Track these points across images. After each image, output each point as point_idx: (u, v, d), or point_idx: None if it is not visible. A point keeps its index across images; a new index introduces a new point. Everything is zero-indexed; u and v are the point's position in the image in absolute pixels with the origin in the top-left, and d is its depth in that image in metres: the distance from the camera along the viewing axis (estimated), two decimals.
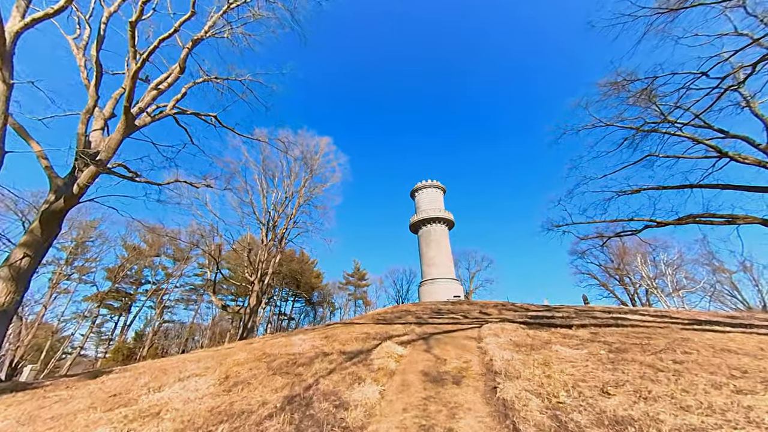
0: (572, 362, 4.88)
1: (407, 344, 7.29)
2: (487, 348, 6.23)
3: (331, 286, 46.71)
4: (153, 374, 7.79)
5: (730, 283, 36.19)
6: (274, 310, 40.69)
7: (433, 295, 30.57)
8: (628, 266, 38.46)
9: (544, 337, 6.63)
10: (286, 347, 8.58)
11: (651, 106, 13.27)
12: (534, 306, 17.03)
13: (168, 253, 37.43)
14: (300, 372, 5.84)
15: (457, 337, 7.86)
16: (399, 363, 5.87)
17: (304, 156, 27.09)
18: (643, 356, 4.81)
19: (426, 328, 9.86)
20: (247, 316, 23.65)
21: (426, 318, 13.15)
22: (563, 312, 11.53)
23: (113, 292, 32.69)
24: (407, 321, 12.43)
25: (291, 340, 9.70)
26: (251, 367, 6.76)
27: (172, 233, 23.62)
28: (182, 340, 38.05)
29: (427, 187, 37.95)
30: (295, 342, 9.22)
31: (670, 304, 34.74)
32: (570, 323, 8.32)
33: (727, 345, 5.12)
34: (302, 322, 44.55)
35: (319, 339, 9.44)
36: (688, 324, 7.28)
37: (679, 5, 9.97)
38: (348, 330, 10.94)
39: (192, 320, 39.63)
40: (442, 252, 33.70)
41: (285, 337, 11.45)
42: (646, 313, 9.71)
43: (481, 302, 21.01)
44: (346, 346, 7.69)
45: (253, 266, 25.64)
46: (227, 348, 11.28)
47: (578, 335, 6.66)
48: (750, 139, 11.64)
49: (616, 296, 40.26)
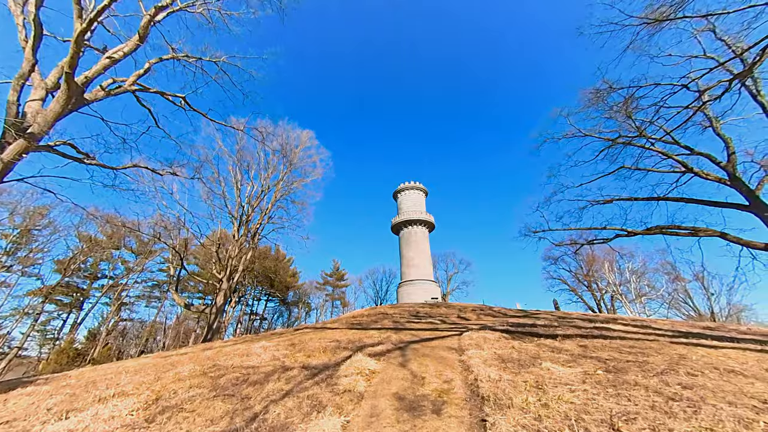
0: (569, 385, 4.17)
1: (381, 356, 6.37)
2: (470, 363, 5.44)
3: (307, 285, 44.95)
4: (73, 391, 6.36)
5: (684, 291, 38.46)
6: (245, 309, 38.41)
7: (411, 297, 29.95)
8: (596, 273, 39.90)
9: (531, 351, 5.95)
10: (242, 357, 7.39)
11: (627, 121, 13.64)
12: (511, 311, 16.70)
13: (130, 246, 34.31)
14: (248, 394, 4.75)
15: (437, 348, 7.05)
16: (370, 382, 4.94)
17: (284, 148, 25.51)
18: (646, 379, 4.18)
19: (403, 335, 9.00)
20: (212, 316, 21.81)
21: (403, 322, 12.32)
22: (543, 319, 11.09)
23: (63, 286, 29.29)
24: (383, 326, 11.53)
25: (251, 348, 8.50)
26: (192, 384, 5.57)
27: (132, 224, 21.28)
28: (142, 341, 34.94)
29: (409, 189, 37.43)
30: (255, 351, 8.04)
31: (633, 310, 36.35)
32: (554, 333, 7.76)
33: (729, 365, 4.63)
34: (275, 323, 42.48)
35: (283, 347, 8.32)
36: (673, 336, 6.90)
37: (664, 17, 9.95)
38: (318, 336, 9.87)
39: (154, 319, 36.56)
40: (421, 254, 33.21)
41: (246, 343, 10.18)
42: (627, 323, 9.41)
43: (458, 305, 20.54)
44: (312, 358, 6.65)
45: (222, 263, 23.78)
46: (178, 354, 9.83)
47: (567, 348, 6.04)
48: (712, 156, 12.00)
49: (584, 301, 41.69)
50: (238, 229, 24.48)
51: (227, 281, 23.14)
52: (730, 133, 11.83)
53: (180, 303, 22.56)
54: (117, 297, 30.57)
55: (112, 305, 30.36)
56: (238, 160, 25.33)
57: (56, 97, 9.23)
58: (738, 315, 38.00)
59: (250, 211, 24.90)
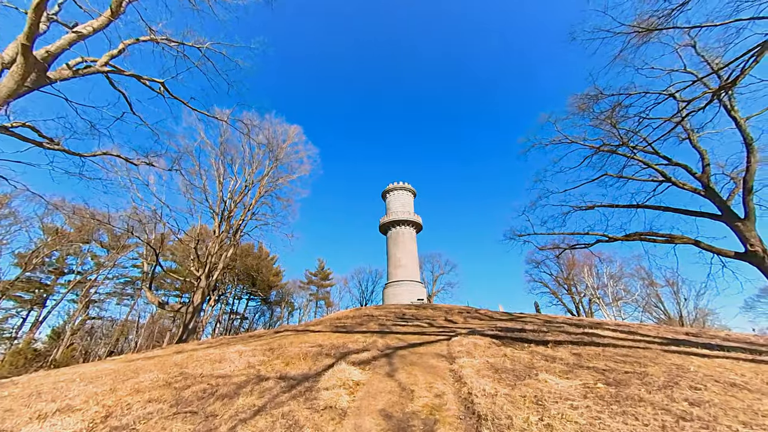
0: (570, 401, 3.82)
1: (366, 365, 5.87)
2: (462, 374, 5.04)
3: (291, 284, 43.69)
4: (10, 404, 5.49)
5: (656, 295, 40.10)
6: (225, 308, 36.86)
7: (397, 297, 29.58)
8: (576, 277, 40.91)
9: (524, 360, 5.62)
10: (214, 364, 6.70)
11: (612, 130, 13.95)
12: (497, 314, 16.58)
13: (101, 240, 32.17)
14: (215, 411, 4.14)
15: (425, 355, 6.62)
16: (353, 396, 4.44)
17: (270, 143, 24.48)
18: (650, 394, 3.90)
19: (389, 340, 8.54)
20: (189, 316, 20.60)
21: (390, 325, 11.86)
22: (530, 323, 10.91)
23: (23, 281, 26.99)
24: (369, 329, 11.03)
25: (225, 353, 7.79)
26: (152, 398, 4.87)
27: (102, 216, 19.77)
28: (111, 340, 32.81)
29: (398, 190, 37.11)
30: (229, 356, 7.35)
31: (609, 313, 37.48)
32: (544, 339, 7.51)
33: (729, 377, 4.44)
34: (257, 322, 41.04)
35: (260, 352, 7.66)
36: (663, 344, 6.78)
37: (654, 26, 10.07)
38: (299, 340, 9.25)
39: (126, 317, 34.44)
40: (408, 254, 32.93)
41: (221, 347, 9.43)
42: (615, 329, 9.32)
43: (445, 307, 20.31)
44: (291, 366, 6.06)
45: (200, 260, 22.55)
46: (145, 358, 8.94)
47: (561, 357, 5.75)
48: (689, 167, 12.35)
49: (564, 304, 42.70)
50: (219, 225, 23.31)
51: (206, 279, 21.95)
52: (706, 145, 12.23)
53: (153, 301, 21.21)
54: (85, 294, 28.48)
55: (79, 302, 28.26)
56: (221, 153, 24.12)
57: (10, 71, 8.20)
58: (704, 318, 39.97)
59: (233, 206, 23.78)
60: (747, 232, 9.93)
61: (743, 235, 9.99)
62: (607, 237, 13.30)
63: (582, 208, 14.66)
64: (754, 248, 9.60)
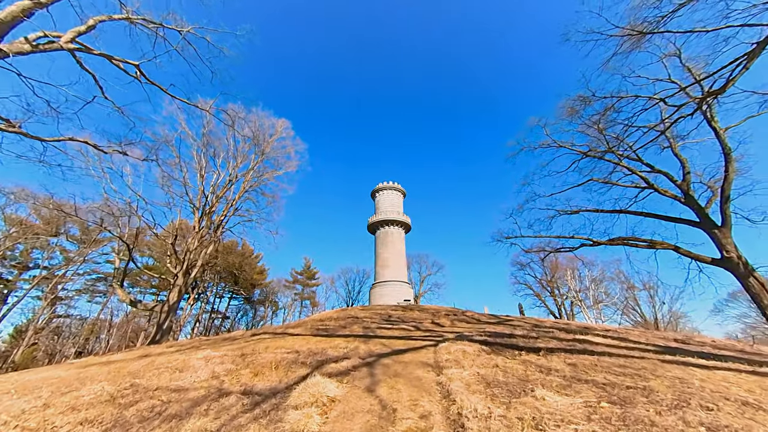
0: (573, 424, 3.32)
1: (345, 376, 5.23)
2: (451, 388, 4.48)
3: (276, 283, 42.31)
4: None
5: (633, 298, 41.20)
6: (206, 307, 35.28)
7: (384, 298, 29.01)
8: (559, 279, 41.47)
9: (518, 371, 5.12)
10: (174, 374, 5.90)
11: (599, 136, 14.13)
12: (484, 317, 16.25)
13: (71, 233, 30.11)
14: None
15: (411, 364, 6.04)
16: (326, 417, 3.79)
17: (255, 136, 23.43)
18: (660, 416, 3.44)
19: (373, 345, 7.92)
20: (163, 315, 19.35)
21: (374, 328, 11.24)
22: (519, 327, 10.53)
23: None
24: (352, 332, 10.37)
25: (190, 359, 6.97)
26: (87, 417, 4.07)
27: (69, 207, 18.25)
28: (80, 340, 30.75)
29: (388, 189, 36.60)
30: (194, 363, 6.55)
31: (590, 315, 38.15)
32: (535, 345, 7.08)
33: (738, 394, 4.06)
34: (239, 322, 39.54)
35: (230, 359, 6.89)
36: (658, 352, 6.45)
37: (649, 30, 10.00)
38: (276, 345, 8.50)
39: (98, 315, 32.37)
40: (396, 255, 32.43)
41: (190, 351, 8.56)
42: (605, 335, 9.03)
43: (432, 308, 19.87)
44: (260, 377, 5.35)
45: (178, 256, 21.27)
46: (100, 364, 7.96)
47: (556, 368, 5.29)
48: (670, 175, 12.67)
49: (547, 306, 43.23)
50: (199, 221, 22.07)
51: (183, 276, 20.72)
52: (686, 155, 12.54)
53: (125, 299, 19.84)
54: (51, 290, 26.46)
55: (45, 299, 26.23)
56: (203, 145, 22.88)
57: None
58: (677, 321, 41.34)
59: (215, 201, 22.58)
60: (723, 239, 10.18)
61: (720, 241, 10.22)
62: (591, 241, 13.61)
63: (568, 212, 14.95)
64: (729, 254, 9.79)
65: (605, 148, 13.37)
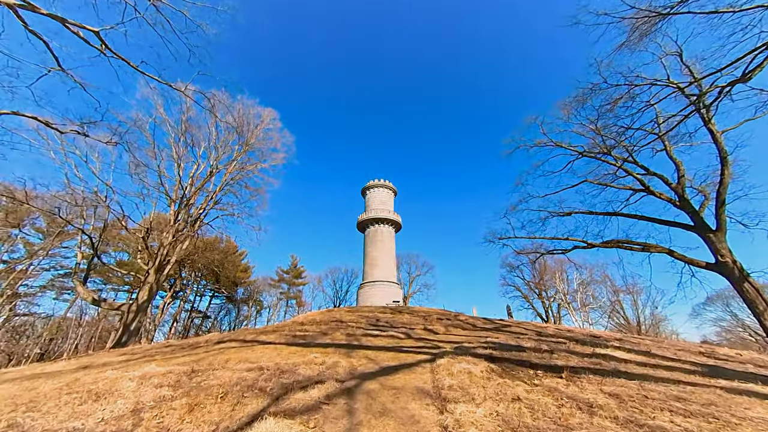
0: None
1: (313, 413, 3.69)
2: None
3: (261, 282, 40.05)
4: None
5: (617, 302, 41.13)
6: (185, 305, 32.83)
7: (372, 299, 27.47)
8: (548, 282, 40.92)
9: (550, 410, 3.70)
10: (82, 406, 4.22)
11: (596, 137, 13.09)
12: (479, 321, 14.95)
13: (37, 225, 27.32)
14: None
15: (403, 392, 4.55)
16: None
17: (239, 125, 21.48)
18: None
19: (356, 360, 6.40)
20: (131, 315, 17.22)
21: (359, 335, 9.71)
22: (524, 336, 9.21)
23: None
24: (334, 341, 8.81)
25: (117, 382, 5.25)
26: None
27: (20, 194, 15.95)
28: (44, 340, 27.89)
29: (378, 187, 35.14)
30: (120, 387, 4.88)
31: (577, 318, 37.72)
32: (553, 363, 5.72)
33: None
34: (221, 321, 37.14)
35: (172, 380, 5.23)
36: (705, 375, 5.19)
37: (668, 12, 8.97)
38: (239, 357, 6.87)
39: (65, 314, 29.53)
40: (386, 254, 30.96)
41: (132, 364, 6.82)
42: (629, 348, 7.77)
43: (422, 311, 18.46)
44: (194, 414, 3.74)
45: (150, 251, 19.16)
46: (10, 380, 6.12)
47: (596, 401, 3.90)
48: (665, 177, 12.16)
49: (534, 308, 42.59)
50: (176, 214, 19.98)
51: (155, 273, 18.63)
52: (681, 158, 12.12)
53: (86, 297, 17.62)
54: (9, 285, 23.72)
55: (2, 296, 23.48)
56: (182, 132, 20.77)
57: None
58: (658, 324, 41.46)
59: (193, 193, 20.54)
60: (718, 243, 9.85)
61: (714, 246, 9.91)
62: (586, 243, 13.07)
63: (561, 214, 14.45)
64: (724, 259, 9.50)
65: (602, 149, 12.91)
